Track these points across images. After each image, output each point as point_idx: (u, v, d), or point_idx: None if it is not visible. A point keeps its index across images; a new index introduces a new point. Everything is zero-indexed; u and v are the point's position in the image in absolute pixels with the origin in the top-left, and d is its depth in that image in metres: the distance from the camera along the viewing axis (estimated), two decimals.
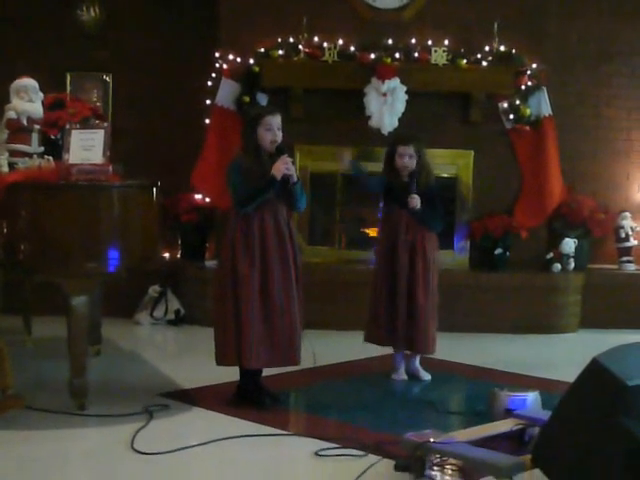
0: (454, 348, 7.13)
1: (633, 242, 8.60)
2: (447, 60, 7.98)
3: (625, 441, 3.30)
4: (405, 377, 6.10)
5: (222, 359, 5.25)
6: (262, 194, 5.12)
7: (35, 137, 5.63)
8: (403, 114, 7.87)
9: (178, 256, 8.37)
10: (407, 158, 5.95)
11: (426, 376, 6.13)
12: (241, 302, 5.11)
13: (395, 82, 7.83)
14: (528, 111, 8.14)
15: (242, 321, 5.10)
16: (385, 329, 6.02)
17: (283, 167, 5.11)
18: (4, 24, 8.48)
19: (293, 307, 5.21)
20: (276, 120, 5.19)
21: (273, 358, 5.20)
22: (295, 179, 5.19)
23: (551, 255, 8.20)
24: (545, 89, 8.20)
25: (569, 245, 8.18)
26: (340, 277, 7.80)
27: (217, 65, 8.10)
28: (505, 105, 8.18)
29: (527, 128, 8.20)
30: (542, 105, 8.20)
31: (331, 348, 6.64)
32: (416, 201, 5.88)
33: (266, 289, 5.15)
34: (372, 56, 7.92)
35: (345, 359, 6.53)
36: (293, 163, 5.24)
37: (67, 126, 5.39)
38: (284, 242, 5.21)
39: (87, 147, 5.21)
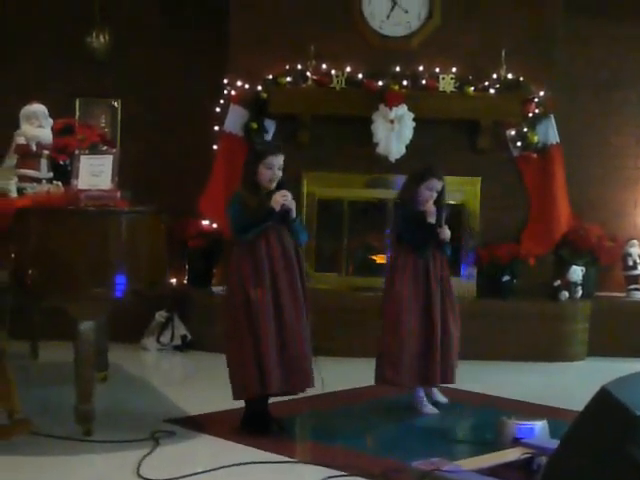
0: (461, 376, 7.08)
1: None
2: (455, 87, 8.01)
3: (634, 471, 3.28)
4: (436, 410, 6.00)
5: (243, 392, 5.22)
6: (260, 225, 5.14)
7: (44, 162, 5.64)
8: (411, 141, 7.89)
9: (185, 282, 8.37)
10: (435, 192, 5.87)
11: (444, 399, 6.12)
12: (259, 330, 5.11)
13: (403, 109, 7.85)
14: (536, 138, 8.15)
15: (262, 349, 5.10)
16: (414, 368, 5.89)
17: (281, 199, 5.14)
18: (14, 50, 8.53)
19: (304, 331, 5.23)
20: (278, 160, 5.22)
21: (290, 383, 5.21)
22: (294, 214, 5.21)
23: (558, 283, 8.18)
24: (552, 117, 8.22)
25: (576, 273, 8.17)
26: (347, 304, 7.79)
27: (225, 91, 8.13)
28: (513, 132, 8.20)
29: (534, 155, 8.22)
30: (550, 133, 8.22)
31: (338, 375, 6.62)
32: (448, 233, 5.87)
33: (279, 314, 5.16)
34: (380, 83, 7.95)
35: (352, 386, 6.51)
36: (293, 198, 5.24)
37: (76, 152, 5.41)
38: (292, 266, 5.22)
39: (95, 173, 5.22)
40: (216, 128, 8.19)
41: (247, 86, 8.07)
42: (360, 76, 8.02)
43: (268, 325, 5.12)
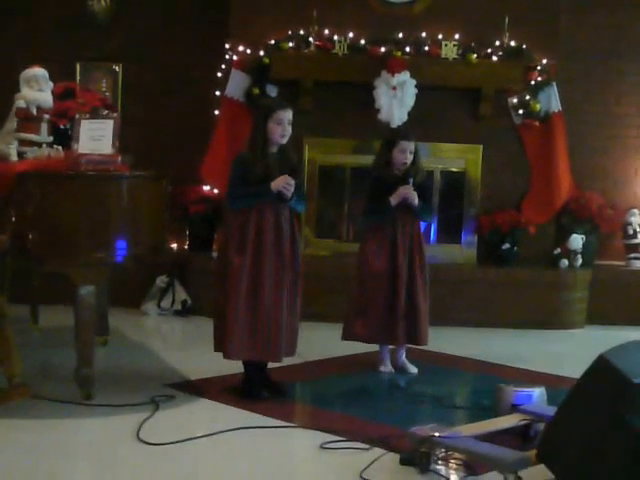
0: (460, 343, 7.15)
1: None
2: (457, 54, 7.97)
3: (630, 438, 3.30)
4: (392, 369, 6.13)
5: (217, 348, 5.31)
6: (254, 199, 5.16)
7: (44, 126, 5.62)
8: (412, 108, 7.86)
9: (186, 247, 8.38)
10: (408, 153, 5.96)
11: (413, 369, 6.14)
12: (228, 293, 5.14)
13: (405, 76, 7.82)
14: (538, 106, 8.13)
15: (227, 312, 5.13)
16: (380, 325, 6.02)
17: (282, 185, 5.13)
18: (15, 14, 8.49)
19: (281, 304, 5.20)
20: (287, 115, 5.20)
21: (254, 352, 5.20)
22: (289, 197, 5.20)
23: (559, 251, 8.19)
24: (555, 84, 8.19)
25: (577, 241, 8.17)
26: (347, 270, 7.77)
27: (227, 56, 8.10)
28: (515, 100, 8.17)
29: (536, 123, 8.20)
30: (552, 100, 8.20)
31: (338, 341, 6.64)
32: (415, 197, 5.93)
33: (257, 283, 5.15)
34: (382, 49, 7.92)
35: (350, 352, 6.53)
36: (299, 180, 5.30)
37: (77, 116, 5.39)
38: (281, 238, 5.21)
39: (96, 137, 5.21)
40: (217, 93, 8.17)
41: (249, 51, 8.04)
42: (363, 42, 7.99)
43: (238, 291, 5.11)
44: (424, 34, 8.03)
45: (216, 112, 8.15)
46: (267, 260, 5.17)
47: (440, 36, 8.02)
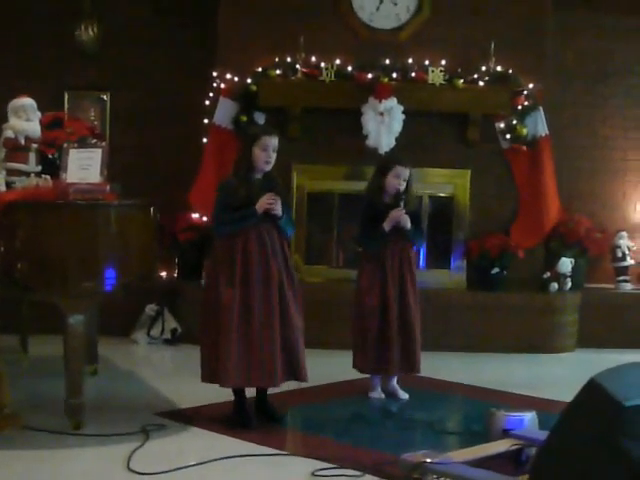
0: (451, 368, 7.14)
1: (630, 261, 8.63)
2: (444, 80, 8.01)
3: (622, 462, 3.29)
4: (383, 395, 6.12)
5: (206, 378, 5.30)
6: (240, 223, 5.17)
7: (33, 156, 5.62)
8: (400, 133, 7.89)
9: (175, 275, 8.37)
10: (402, 180, 5.95)
11: (404, 395, 6.12)
12: (220, 322, 5.13)
13: (392, 102, 7.86)
14: (525, 131, 8.16)
15: (220, 341, 5.12)
16: (375, 357, 6.01)
17: (266, 204, 5.15)
18: (2, 43, 8.50)
19: (272, 329, 5.18)
20: (272, 141, 5.22)
21: (248, 379, 5.18)
22: (280, 214, 5.22)
23: (548, 275, 8.20)
24: (541, 109, 8.22)
25: (566, 265, 8.18)
26: (338, 296, 7.77)
27: (215, 84, 8.12)
28: (502, 125, 8.21)
29: (524, 148, 8.23)
30: (538, 125, 8.23)
31: (328, 367, 6.63)
32: (407, 220, 5.92)
33: (246, 311, 5.15)
34: (369, 76, 7.95)
35: (342, 378, 6.52)
36: (284, 201, 5.30)
37: (65, 145, 5.39)
38: (268, 264, 5.20)
39: (85, 166, 5.21)
40: (205, 121, 8.18)
41: (236, 79, 8.06)
42: (350, 69, 8.02)
43: (230, 321, 5.11)
44: (410, 60, 8.07)
45: (204, 140, 8.16)
46: (255, 286, 5.17)
47: (426, 62, 8.06)
